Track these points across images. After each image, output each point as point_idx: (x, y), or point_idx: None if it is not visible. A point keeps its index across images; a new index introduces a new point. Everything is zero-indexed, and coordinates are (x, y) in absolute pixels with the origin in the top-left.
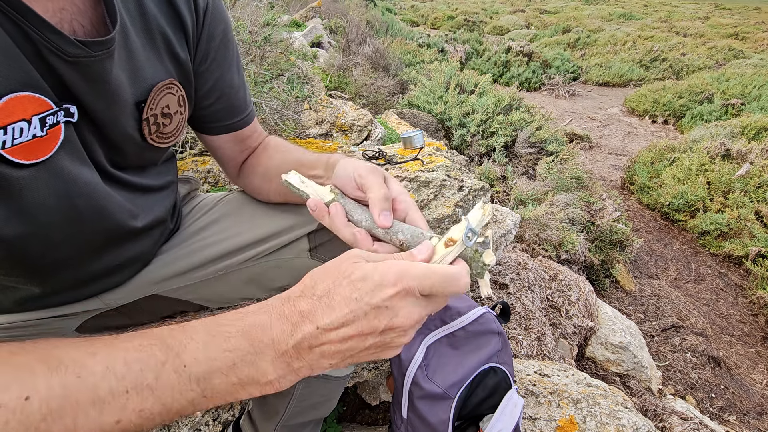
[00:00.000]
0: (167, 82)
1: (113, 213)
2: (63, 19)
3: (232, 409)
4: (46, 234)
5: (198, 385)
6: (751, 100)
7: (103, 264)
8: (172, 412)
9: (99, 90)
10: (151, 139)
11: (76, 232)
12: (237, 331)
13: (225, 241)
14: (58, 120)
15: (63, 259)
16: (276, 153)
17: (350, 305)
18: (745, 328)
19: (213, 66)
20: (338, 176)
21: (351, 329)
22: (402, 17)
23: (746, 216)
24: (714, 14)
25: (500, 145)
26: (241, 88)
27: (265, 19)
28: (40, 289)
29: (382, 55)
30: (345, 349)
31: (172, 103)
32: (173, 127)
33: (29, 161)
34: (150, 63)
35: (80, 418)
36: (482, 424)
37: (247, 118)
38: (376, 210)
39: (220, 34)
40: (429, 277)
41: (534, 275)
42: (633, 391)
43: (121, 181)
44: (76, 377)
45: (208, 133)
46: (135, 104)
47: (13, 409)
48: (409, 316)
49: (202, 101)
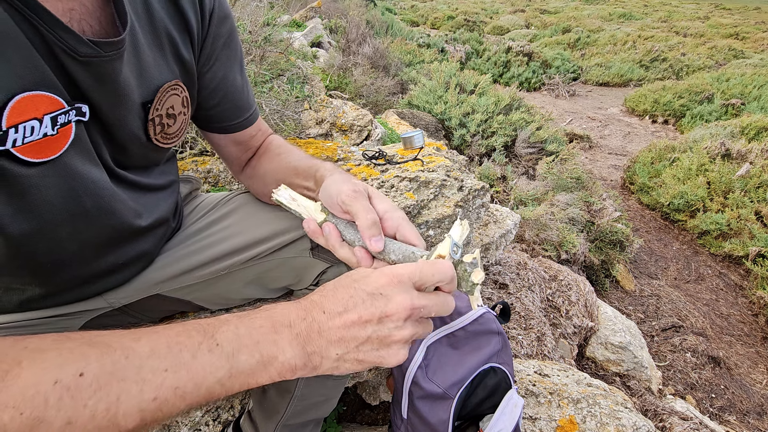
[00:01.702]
0: (173, 83)
1: (119, 212)
2: (72, 18)
3: (232, 409)
4: (53, 232)
5: (227, 362)
6: (751, 100)
7: (108, 262)
8: (202, 390)
9: (108, 90)
10: (155, 139)
11: (82, 230)
12: (262, 316)
13: (227, 240)
14: (69, 119)
15: (68, 258)
16: (275, 157)
17: (350, 292)
18: (745, 328)
19: (217, 67)
20: (324, 197)
21: (352, 314)
22: (402, 17)
23: (746, 216)
24: (714, 14)
25: (500, 145)
26: (244, 89)
27: (265, 19)
28: (45, 288)
29: (382, 55)
30: (349, 338)
31: (176, 103)
32: (177, 128)
33: (38, 159)
34: (156, 64)
35: (123, 395)
36: (482, 424)
37: (251, 118)
38: (366, 237)
39: (225, 35)
40: (416, 267)
41: (534, 275)
42: (633, 391)
43: (126, 180)
44: (125, 357)
45: (211, 131)
46: (141, 105)
47: (68, 385)
48: (401, 302)
49: (206, 101)
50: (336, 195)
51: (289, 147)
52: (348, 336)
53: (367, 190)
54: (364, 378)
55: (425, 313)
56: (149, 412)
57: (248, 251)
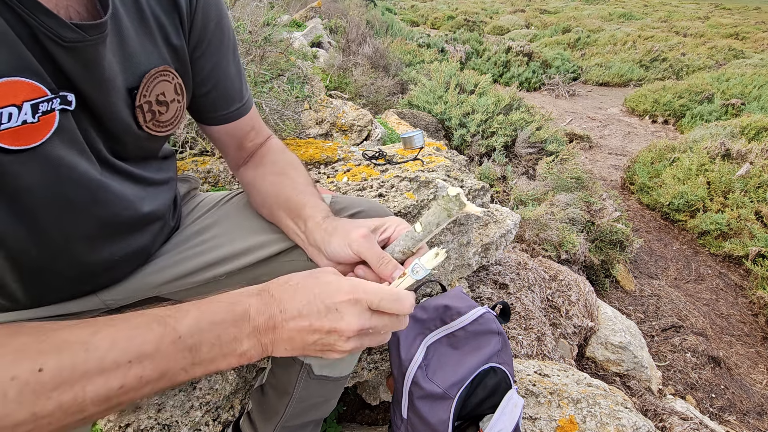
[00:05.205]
0: (161, 69)
1: (110, 203)
2: (58, 4)
3: (232, 410)
4: (34, 221)
5: (189, 353)
6: (751, 100)
7: (102, 257)
8: (167, 377)
9: (94, 76)
10: (147, 127)
11: (70, 221)
12: (223, 308)
13: (225, 245)
14: (52, 107)
15: (57, 250)
16: (268, 177)
17: (308, 297)
18: (745, 328)
19: (208, 53)
20: (335, 252)
21: (304, 321)
22: (402, 17)
23: (746, 216)
24: (714, 14)
25: (500, 145)
26: (237, 78)
27: (265, 19)
28: (31, 282)
29: (382, 55)
30: (297, 339)
31: (168, 90)
32: (171, 116)
33: (16, 147)
34: (144, 49)
35: (89, 386)
36: (482, 424)
37: (243, 109)
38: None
39: (215, 20)
40: (377, 293)
41: (534, 275)
42: (633, 391)
43: (122, 171)
44: (84, 351)
45: (206, 123)
46: (127, 91)
47: (26, 380)
48: (351, 323)
49: (198, 89)
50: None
51: (284, 167)
52: (297, 337)
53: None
54: (364, 378)
55: (374, 332)
56: (117, 397)
57: (248, 256)
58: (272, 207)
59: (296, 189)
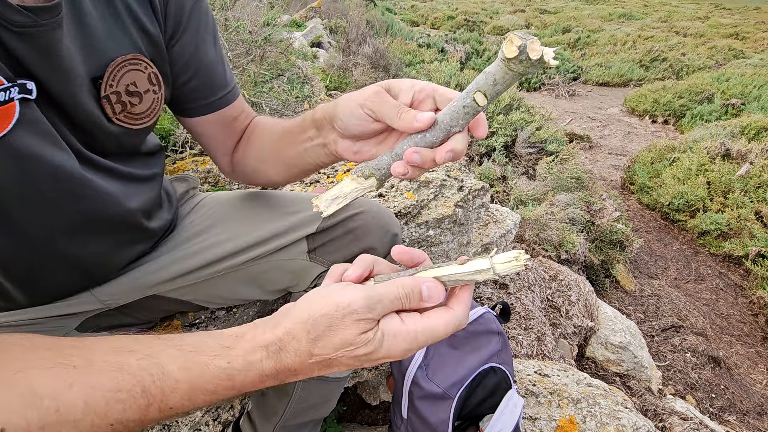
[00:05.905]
0: (129, 57)
1: (92, 198)
2: None
3: (232, 410)
4: (7, 213)
5: (177, 415)
6: (751, 100)
7: (89, 252)
8: (167, 409)
9: (52, 64)
10: (117, 119)
11: (46, 215)
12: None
13: (225, 243)
14: (11, 96)
15: (41, 246)
16: (264, 132)
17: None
18: (745, 328)
19: (185, 39)
20: (347, 121)
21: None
22: (402, 17)
23: (746, 216)
24: (714, 14)
25: (500, 145)
26: (219, 63)
27: (265, 19)
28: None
29: (382, 55)
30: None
31: (140, 80)
32: (146, 107)
33: None
34: (111, 36)
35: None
36: (482, 424)
37: (230, 96)
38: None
39: (190, 3)
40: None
41: (534, 275)
42: (633, 391)
43: (101, 166)
44: (55, 411)
45: (190, 115)
46: (91, 80)
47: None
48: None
49: (178, 78)
50: (360, 106)
51: (274, 120)
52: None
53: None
54: (364, 378)
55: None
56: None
57: (246, 253)
58: (281, 146)
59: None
